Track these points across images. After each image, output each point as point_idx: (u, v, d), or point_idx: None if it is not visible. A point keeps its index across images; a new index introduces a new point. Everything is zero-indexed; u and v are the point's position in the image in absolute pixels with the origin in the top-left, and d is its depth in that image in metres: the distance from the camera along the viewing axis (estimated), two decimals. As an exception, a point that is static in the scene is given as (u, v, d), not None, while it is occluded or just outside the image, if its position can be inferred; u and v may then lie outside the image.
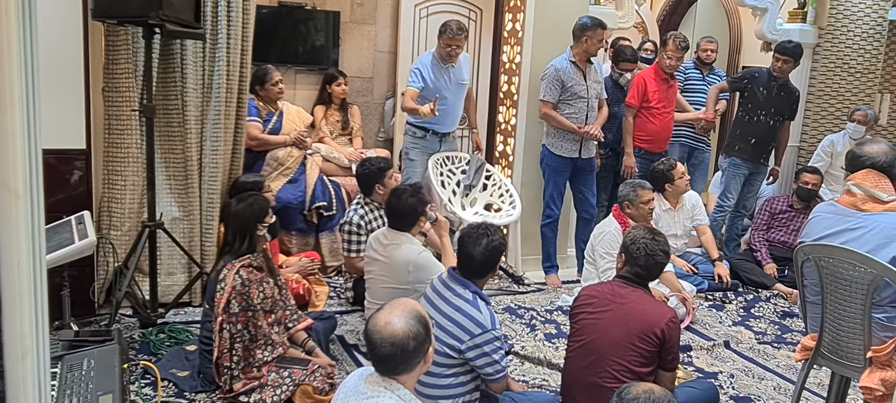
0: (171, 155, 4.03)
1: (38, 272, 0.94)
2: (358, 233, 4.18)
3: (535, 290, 4.94)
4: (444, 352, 2.73)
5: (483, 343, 2.73)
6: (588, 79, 4.86)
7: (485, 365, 2.77)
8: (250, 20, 4.08)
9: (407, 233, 3.62)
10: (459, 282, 2.84)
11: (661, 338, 2.66)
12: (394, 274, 3.54)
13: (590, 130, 4.82)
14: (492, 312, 2.81)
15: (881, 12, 6.06)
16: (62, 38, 3.51)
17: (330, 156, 5.21)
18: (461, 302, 2.78)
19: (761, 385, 3.77)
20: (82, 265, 3.60)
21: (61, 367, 2.29)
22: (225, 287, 3.06)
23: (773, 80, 5.40)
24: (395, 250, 3.56)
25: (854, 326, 2.79)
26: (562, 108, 4.85)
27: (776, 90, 5.41)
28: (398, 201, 3.61)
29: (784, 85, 5.43)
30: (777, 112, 5.44)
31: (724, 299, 4.99)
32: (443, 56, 4.72)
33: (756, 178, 5.65)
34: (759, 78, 5.44)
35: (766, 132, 5.46)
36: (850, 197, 2.87)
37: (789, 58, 5.29)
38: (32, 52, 0.90)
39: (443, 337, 2.74)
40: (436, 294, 2.88)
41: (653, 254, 2.80)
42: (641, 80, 5.30)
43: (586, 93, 4.86)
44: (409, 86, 4.76)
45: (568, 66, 4.82)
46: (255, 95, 4.74)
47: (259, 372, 3.10)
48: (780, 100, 5.43)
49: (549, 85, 4.84)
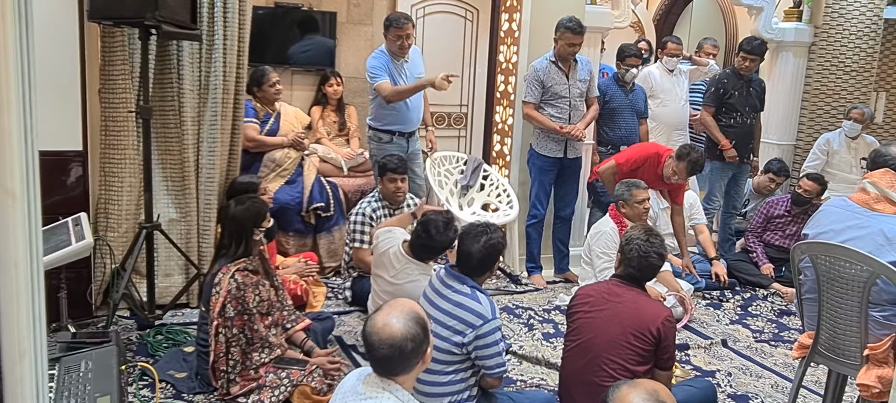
0: (168, 156, 4.03)
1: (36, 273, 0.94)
2: (369, 224, 4.18)
3: (533, 290, 4.94)
4: (447, 349, 2.73)
5: (486, 333, 2.71)
6: (570, 77, 4.85)
7: (488, 357, 2.75)
8: (247, 21, 4.08)
9: (423, 265, 3.50)
10: (457, 278, 2.83)
11: (657, 337, 2.67)
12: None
13: (571, 130, 4.80)
14: (492, 302, 2.79)
15: (876, 11, 6.07)
16: (58, 39, 3.51)
17: (327, 157, 5.21)
18: (460, 296, 2.77)
19: (759, 383, 3.78)
20: (79, 267, 3.60)
21: (59, 369, 2.28)
22: (220, 291, 3.05)
23: (740, 78, 5.52)
24: (406, 281, 3.47)
25: (851, 324, 2.80)
26: (545, 108, 4.84)
27: (746, 88, 5.53)
28: (433, 231, 3.39)
29: (750, 80, 5.56)
30: (751, 109, 5.58)
31: (721, 297, 5.01)
32: (395, 51, 4.60)
33: (740, 177, 5.71)
34: (729, 81, 5.54)
35: (744, 132, 5.56)
36: (863, 194, 2.87)
37: (756, 57, 5.43)
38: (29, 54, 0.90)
39: (444, 334, 2.73)
40: (434, 292, 2.88)
41: (646, 256, 2.80)
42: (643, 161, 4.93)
43: (568, 93, 4.84)
44: (380, 81, 4.53)
45: (548, 65, 4.81)
46: (253, 96, 4.73)
47: (256, 374, 3.10)
48: (752, 97, 5.56)
49: (530, 85, 4.84)
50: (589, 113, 5.00)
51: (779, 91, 6.16)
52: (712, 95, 5.56)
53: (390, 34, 4.57)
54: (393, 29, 4.55)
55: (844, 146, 5.79)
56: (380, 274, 3.64)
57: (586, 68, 4.93)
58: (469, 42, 6.30)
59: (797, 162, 6.18)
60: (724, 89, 5.52)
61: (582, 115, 4.92)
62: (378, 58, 4.64)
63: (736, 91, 5.50)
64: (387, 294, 3.54)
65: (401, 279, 3.51)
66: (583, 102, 4.95)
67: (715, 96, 5.55)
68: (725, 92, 5.51)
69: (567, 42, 4.70)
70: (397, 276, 3.52)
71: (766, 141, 6.18)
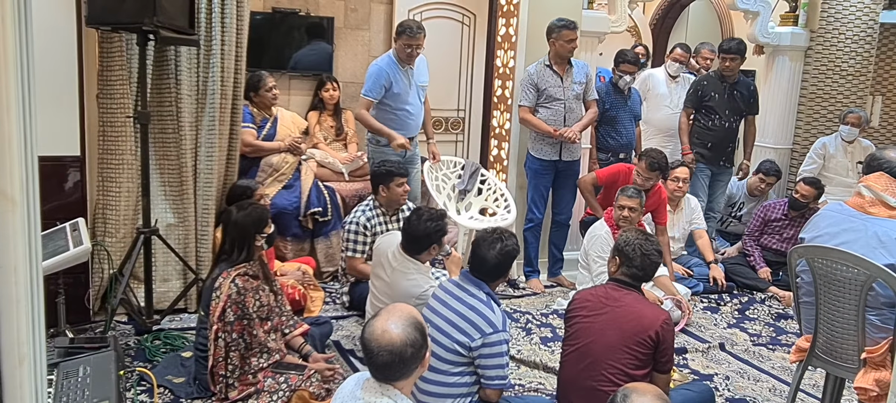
0: (166, 161, 4.03)
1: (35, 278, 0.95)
2: (364, 234, 4.16)
3: (531, 294, 4.94)
4: (455, 350, 2.75)
5: (494, 343, 2.74)
6: (565, 80, 4.87)
7: (489, 368, 2.77)
8: (244, 26, 4.09)
9: (417, 261, 3.54)
10: (474, 283, 2.87)
11: (656, 341, 2.68)
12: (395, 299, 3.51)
13: (565, 132, 4.81)
14: (505, 316, 2.84)
15: (872, 15, 6.10)
16: (56, 45, 3.51)
17: (324, 162, 5.21)
18: (475, 301, 2.81)
19: (756, 387, 3.78)
20: (77, 272, 3.59)
21: (57, 374, 2.28)
22: (220, 295, 3.05)
23: (723, 82, 5.53)
24: (401, 278, 3.50)
25: (848, 327, 2.80)
26: (540, 112, 4.86)
27: (729, 91, 5.54)
28: (416, 222, 3.49)
29: (736, 83, 5.56)
30: (733, 112, 5.58)
31: (719, 301, 5.01)
32: (402, 57, 4.65)
33: (719, 180, 5.74)
34: (710, 84, 5.56)
35: (723, 135, 5.56)
36: (859, 198, 2.88)
37: (735, 55, 5.44)
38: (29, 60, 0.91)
39: (454, 334, 2.75)
40: (447, 293, 2.90)
41: (648, 254, 2.82)
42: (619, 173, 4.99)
43: (563, 95, 4.86)
44: (365, 95, 4.61)
45: (542, 68, 4.83)
46: (249, 101, 4.74)
47: (255, 379, 3.10)
48: (735, 99, 5.56)
49: (524, 89, 4.86)
50: (587, 115, 5.00)
51: (775, 95, 6.18)
52: (691, 97, 5.61)
53: (401, 41, 4.61)
54: (405, 37, 4.59)
55: (840, 150, 5.80)
56: (378, 275, 3.65)
57: (583, 71, 4.94)
58: (466, 47, 6.32)
59: (794, 165, 6.20)
60: (703, 91, 5.56)
61: (578, 118, 4.93)
62: (381, 63, 4.69)
63: (716, 93, 5.53)
64: (384, 294, 3.56)
65: (396, 277, 3.52)
66: (580, 105, 4.96)
67: (693, 98, 5.59)
68: (704, 94, 5.55)
69: (566, 39, 4.72)
70: (393, 274, 3.53)
71: (762, 145, 6.18)
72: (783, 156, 6.22)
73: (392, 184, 4.20)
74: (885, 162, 2.87)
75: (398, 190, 4.22)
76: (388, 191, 4.21)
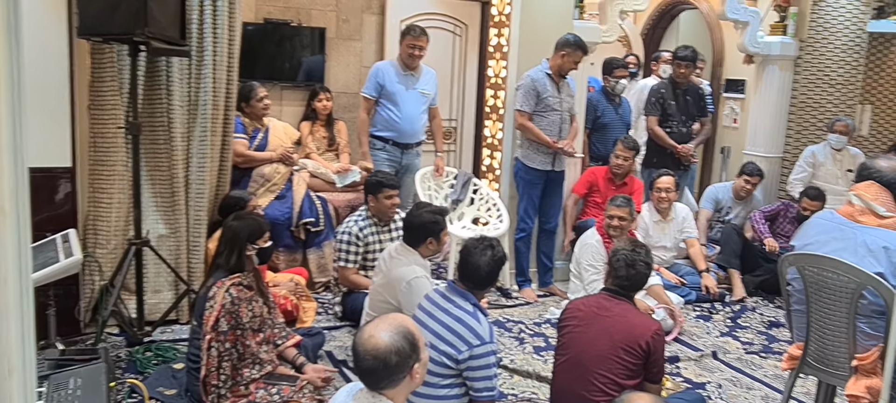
0: (158, 172, 4.02)
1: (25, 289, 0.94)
2: (356, 244, 4.16)
3: (523, 303, 4.94)
4: (442, 362, 2.73)
5: (481, 355, 2.72)
6: (562, 92, 4.90)
7: (477, 380, 2.76)
8: (236, 37, 4.09)
9: (415, 253, 3.56)
10: (460, 294, 2.84)
11: (647, 350, 2.68)
12: (390, 290, 3.51)
13: (564, 145, 4.85)
14: (491, 327, 2.82)
15: (860, 24, 6.15)
16: (47, 55, 3.50)
17: (317, 172, 5.20)
18: (462, 313, 2.78)
19: (749, 395, 3.79)
20: (68, 283, 3.57)
21: (48, 387, 2.27)
22: (214, 305, 3.04)
23: (677, 88, 5.63)
24: (396, 265, 3.52)
25: (839, 335, 2.82)
26: (536, 120, 4.87)
27: (683, 97, 5.65)
28: (415, 212, 3.59)
29: (688, 89, 5.66)
30: (689, 117, 5.69)
31: (711, 310, 5.03)
32: (405, 59, 4.71)
33: (681, 182, 5.79)
34: (667, 92, 5.65)
35: (680, 139, 5.65)
36: (849, 207, 2.89)
37: (689, 62, 5.56)
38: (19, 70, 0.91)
39: (441, 347, 2.74)
40: (433, 305, 2.88)
41: (632, 264, 2.82)
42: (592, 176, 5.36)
43: (560, 107, 4.89)
44: (362, 93, 4.86)
45: (543, 77, 4.85)
46: (241, 112, 4.73)
47: (246, 390, 3.08)
48: (689, 104, 5.67)
49: (525, 95, 4.86)
50: (573, 128, 5.06)
51: (765, 104, 6.22)
52: (654, 105, 5.68)
53: (405, 42, 4.74)
54: (408, 37, 4.72)
55: (830, 158, 5.85)
56: (379, 269, 3.67)
57: (572, 85, 4.98)
58: (458, 57, 6.34)
59: (784, 174, 6.23)
60: (662, 99, 5.64)
61: (568, 131, 4.97)
62: (382, 64, 4.82)
63: (672, 100, 5.63)
64: (380, 286, 3.59)
65: (393, 264, 3.53)
66: (570, 118, 4.99)
67: (656, 106, 5.67)
68: (663, 100, 5.63)
69: (574, 59, 4.78)
70: (391, 262, 3.55)
71: (752, 153, 6.23)
72: (773, 164, 6.25)
73: (380, 195, 4.16)
74: (875, 171, 2.89)
75: (386, 202, 4.17)
76: (377, 202, 4.19)
